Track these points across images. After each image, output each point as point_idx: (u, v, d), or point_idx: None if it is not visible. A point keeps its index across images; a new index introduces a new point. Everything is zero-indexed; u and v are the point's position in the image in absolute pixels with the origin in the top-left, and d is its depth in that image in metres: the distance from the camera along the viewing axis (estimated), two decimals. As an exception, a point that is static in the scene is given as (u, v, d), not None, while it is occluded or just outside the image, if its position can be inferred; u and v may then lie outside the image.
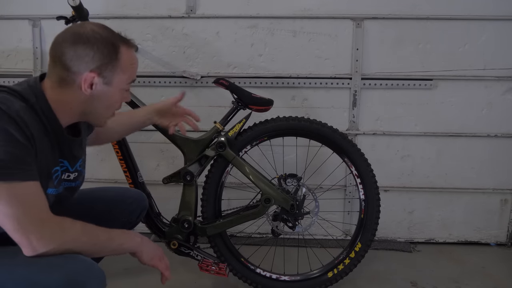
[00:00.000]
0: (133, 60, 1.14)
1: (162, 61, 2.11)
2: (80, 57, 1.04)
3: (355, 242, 1.72)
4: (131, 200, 1.50)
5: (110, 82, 1.09)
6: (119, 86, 1.11)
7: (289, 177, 1.68)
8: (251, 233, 2.15)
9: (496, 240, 2.21)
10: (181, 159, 1.69)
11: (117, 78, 1.10)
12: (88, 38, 1.04)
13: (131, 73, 1.14)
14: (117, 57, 1.08)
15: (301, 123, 1.67)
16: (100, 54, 1.05)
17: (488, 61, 2.04)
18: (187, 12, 2.07)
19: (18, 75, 2.14)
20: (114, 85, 1.10)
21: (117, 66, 1.08)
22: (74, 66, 1.04)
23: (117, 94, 1.13)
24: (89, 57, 1.04)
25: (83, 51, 1.04)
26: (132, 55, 1.14)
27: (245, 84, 2.09)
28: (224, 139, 1.63)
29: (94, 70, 1.05)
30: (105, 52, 1.05)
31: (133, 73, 1.16)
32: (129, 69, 1.13)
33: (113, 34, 1.10)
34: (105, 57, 1.06)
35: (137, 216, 1.52)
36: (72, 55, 1.03)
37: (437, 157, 2.14)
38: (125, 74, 1.11)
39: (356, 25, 2.03)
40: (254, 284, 1.71)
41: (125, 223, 1.49)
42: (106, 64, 1.06)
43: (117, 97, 1.14)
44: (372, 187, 1.70)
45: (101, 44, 1.05)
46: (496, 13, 1.99)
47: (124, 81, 1.12)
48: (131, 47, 1.14)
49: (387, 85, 2.07)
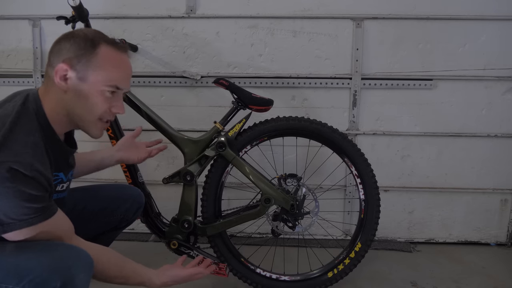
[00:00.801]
0: (116, 60, 1.09)
1: (162, 61, 2.11)
2: (59, 50, 1.05)
3: (355, 242, 1.72)
4: (127, 197, 1.51)
5: (85, 77, 1.05)
6: (96, 85, 1.06)
7: (289, 177, 1.68)
8: (251, 233, 2.15)
9: (496, 240, 2.21)
10: (181, 159, 1.69)
11: (93, 75, 1.05)
12: (73, 34, 1.06)
13: (111, 73, 1.07)
14: (93, 51, 1.05)
15: (301, 123, 1.67)
16: (75, 46, 1.05)
17: (488, 61, 2.04)
18: (187, 12, 2.07)
19: (18, 75, 2.14)
20: (90, 83, 1.06)
21: (93, 61, 1.05)
22: (53, 61, 1.06)
23: (96, 95, 1.07)
24: (66, 50, 1.05)
25: (63, 45, 1.05)
26: (116, 55, 1.09)
27: (245, 84, 2.09)
28: (224, 139, 1.63)
29: (66, 61, 1.04)
30: (81, 44, 1.05)
31: (115, 74, 1.08)
32: (109, 68, 1.07)
33: (98, 33, 1.09)
34: (80, 49, 1.05)
35: (133, 213, 1.52)
36: (55, 51, 1.06)
37: (437, 157, 2.14)
38: (102, 71, 1.06)
39: (356, 25, 2.03)
40: (254, 284, 1.71)
41: (121, 220, 1.50)
42: (79, 56, 1.04)
43: (97, 99, 1.07)
44: (372, 187, 1.70)
45: (79, 38, 1.06)
46: (496, 13, 1.99)
47: (101, 81, 1.06)
48: (116, 48, 1.09)
49: (387, 85, 2.07)
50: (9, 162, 0.92)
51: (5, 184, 0.92)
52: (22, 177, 0.94)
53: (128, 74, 1.14)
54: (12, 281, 0.95)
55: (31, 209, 0.96)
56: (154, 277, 1.25)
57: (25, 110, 1.03)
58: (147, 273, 1.24)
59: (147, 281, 1.23)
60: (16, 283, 0.94)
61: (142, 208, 1.58)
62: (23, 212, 0.95)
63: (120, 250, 1.22)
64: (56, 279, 0.95)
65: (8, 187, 0.92)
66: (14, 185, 0.93)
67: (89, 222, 1.38)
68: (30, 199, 0.95)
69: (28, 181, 0.95)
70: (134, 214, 1.53)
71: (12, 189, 0.93)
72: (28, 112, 1.03)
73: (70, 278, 0.97)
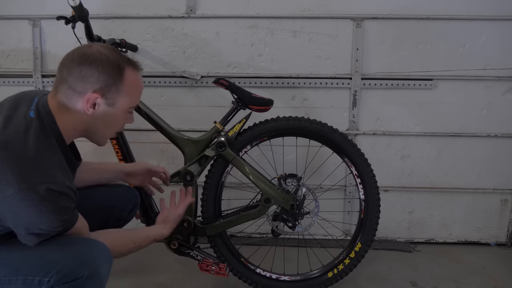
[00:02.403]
0: (138, 83, 1.15)
1: (162, 61, 2.11)
2: (85, 77, 1.05)
3: (355, 242, 1.72)
4: (122, 196, 1.52)
5: (114, 103, 1.10)
6: (122, 108, 1.13)
7: (289, 177, 1.68)
8: (251, 233, 2.15)
9: (496, 240, 2.21)
10: (181, 159, 1.69)
11: (121, 100, 1.11)
12: (95, 58, 1.06)
13: (135, 96, 1.15)
14: (122, 79, 1.09)
15: (301, 123, 1.67)
16: (105, 75, 1.06)
17: (488, 61, 2.04)
18: (187, 12, 2.07)
19: (18, 75, 2.14)
20: (117, 107, 1.11)
21: (121, 88, 1.09)
22: (78, 86, 1.06)
23: (120, 116, 1.14)
24: (94, 78, 1.05)
25: (89, 71, 1.05)
26: (137, 78, 1.15)
27: (245, 84, 2.09)
28: (224, 139, 1.63)
29: (98, 91, 1.06)
30: (110, 73, 1.06)
31: (137, 96, 1.17)
32: (133, 92, 1.14)
33: (120, 56, 1.10)
34: (110, 78, 1.07)
35: (128, 212, 1.53)
36: (77, 75, 1.05)
37: (437, 157, 2.14)
38: (128, 96, 1.12)
39: (356, 25, 2.03)
40: (254, 284, 1.71)
41: (117, 220, 1.50)
42: (110, 85, 1.07)
43: (120, 118, 1.16)
44: (372, 187, 1.70)
45: (106, 65, 1.06)
46: (496, 13, 1.99)
47: (128, 104, 1.13)
48: (137, 70, 1.14)
49: (387, 85, 2.07)
50: (46, 183, 0.98)
51: (44, 203, 0.98)
52: (58, 195, 1.01)
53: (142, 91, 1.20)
54: (38, 273, 1.00)
55: (63, 220, 1.04)
56: (160, 229, 1.41)
57: (43, 127, 1.05)
58: (154, 230, 1.39)
59: (158, 236, 1.38)
60: (43, 274, 0.99)
61: (137, 207, 1.58)
62: (58, 224, 1.03)
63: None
64: (83, 270, 1.00)
65: (47, 206, 0.99)
66: (51, 203, 1.00)
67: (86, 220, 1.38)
68: (63, 213, 1.03)
69: (62, 197, 1.02)
70: (129, 213, 1.54)
71: (50, 207, 1.00)
72: (45, 129, 1.06)
73: (96, 268, 1.03)
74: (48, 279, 0.99)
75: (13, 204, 0.97)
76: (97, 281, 1.03)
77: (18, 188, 0.96)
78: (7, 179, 0.96)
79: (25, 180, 0.97)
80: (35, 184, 0.97)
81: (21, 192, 0.96)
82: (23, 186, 0.96)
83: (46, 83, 2.13)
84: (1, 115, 1.06)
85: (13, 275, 1.01)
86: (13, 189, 0.96)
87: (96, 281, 1.03)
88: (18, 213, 0.99)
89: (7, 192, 0.96)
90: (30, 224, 1.01)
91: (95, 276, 1.02)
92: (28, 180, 0.97)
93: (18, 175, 0.96)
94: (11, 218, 1.01)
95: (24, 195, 0.96)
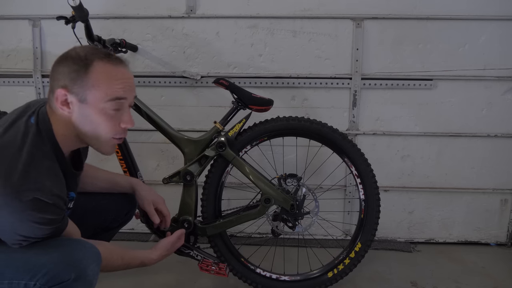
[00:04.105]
0: (109, 74, 1.06)
1: (162, 61, 2.11)
2: (56, 75, 1.05)
3: (355, 242, 1.72)
4: (119, 197, 1.51)
5: (84, 99, 1.05)
6: (96, 104, 1.05)
7: (289, 177, 1.68)
8: (251, 233, 2.15)
9: (496, 240, 2.21)
10: (181, 159, 1.69)
11: (90, 95, 1.04)
12: (67, 56, 1.06)
13: (107, 88, 1.05)
14: (86, 70, 1.04)
15: (301, 123, 1.67)
16: (70, 70, 1.04)
17: (488, 61, 2.04)
18: (187, 12, 2.07)
19: (18, 75, 2.14)
20: (90, 102, 1.05)
21: (86, 81, 1.04)
22: (53, 86, 1.06)
23: (99, 114, 1.06)
24: (62, 74, 1.05)
25: (59, 69, 1.05)
26: (109, 69, 1.06)
27: (245, 84, 2.09)
28: (224, 139, 1.63)
29: (63, 87, 1.04)
30: (74, 67, 1.04)
31: (110, 89, 1.06)
32: (104, 84, 1.05)
33: (92, 51, 1.07)
34: (74, 72, 1.04)
35: (125, 213, 1.53)
36: (52, 75, 1.06)
37: (437, 157, 2.14)
38: (98, 89, 1.04)
39: (356, 25, 2.03)
40: (254, 284, 1.71)
41: (113, 220, 1.51)
42: (75, 79, 1.04)
43: (100, 118, 1.06)
44: (372, 187, 1.70)
45: (72, 60, 1.05)
46: (496, 13, 1.99)
47: (100, 98, 1.05)
48: (110, 61, 1.07)
49: (387, 85, 2.07)
50: (32, 191, 0.96)
51: (26, 212, 0.96)
52: (44, 205, 0.98)
53: (127, 84, 1.10)
54: (24, 277, 0.98)
55: (49, 229, 1.02)
56: (149, 254, 1.38)
57: (39, 133, 1.05)
58: (143, 253, 1.36)
59: (145, 260, 1.35)
60: (29, 278, 0.98)
61: (134, 208, 1.57)
62: (42, 233, 1.01)
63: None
64: (70, 272, 0.99)
65: (29, 215, 0.97)
66: (36, 213, 0.97)
67: (80, 222, 1.38)
68: (47, 223, 1.01)
69: (48, 208, 1.00)
70: (126, 214, 1.54)
71: (32, 217, 0.97)
72: (42, 135, 1.05)
73: (83, 269, 1.01)
74: (34, 282, 0.97)
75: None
76: (85, 282, 1.01)
77: (2, 192, 0.94)
78: None
79: (11, 185, 0.95)
80: (20, 190, 0.95)
81: (4, 197, 0.94)
82: (8, 190, 0.94)
83: (46, 83, 2.13)
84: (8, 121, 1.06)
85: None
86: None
87: (84, 283, 1.01)
88: (1, 217, 0.97)
89: None
90: (12, 229, 0.99)
91: (82, 277, 1.00)
92: (14, 185, 0.95)
93: (4, 179, 0.95)
94: None
95: (7, 200, 0.94)
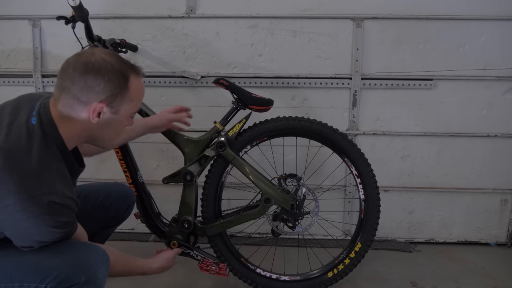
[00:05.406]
0: (141, 89, 1.15)
1: (162, 61, 2.11)
2: (91, 88, 1.02)
3: (355, 242, 1.72)
4: (117, 195, 1.52)
5: (118, 111, 1.09)
6: (126, 114, 1.12)
7: (289, 177, 1.68)
8: (251, 233, 2.15)
9: (496, 240, 2.21)
10: (181, 159, 1.69)
11: (125, 107, 1.10)
12: (100, 67, 1.03)
13: (138, 102, 1.15)
14: (127, 87, 1.07)
15: (301, 123, 1.67)
16: (111, 85, 1.04)
17: (488, 61, 2.04)
18: (187, 12, 2.07)
19: (18, 75, 2.14)
20: (121, 114, 1.10)
21: (126, 96, 1.08)
22: (83, 96, 1.03)
23: (124, 122, 1.15)
24: (99, 87, 1.03)
25: (94, 81, 1.02)
26: (141, 84, 1.14)
27: (245, 84, 2.09)
28: (224, 139, 1.63)
29: (104, 101, 1.05)
30: (116, 82, 1.05)
31: (140, 101, 1.16)
32: (137, 98, 1.13)
33: (124, 64, 1.08)
34: (116, 88, 1.05)
35: (123, 211, 1.54)
36: (82, 85, 1.02)
37: (437, 157, 2.14)
38: (132, 103, 1.11)
39: (356, 25, 2.03)
40: (254, 284, 1.71)
41: (112, 218, 1.51)
42: (116, 94, 1.06)
43: (123, 124, 1.16)
44: (372, 187, 1.70)
45: (112, 74, 1.04)
46: (496, 13, 1.99)
47: (131, 110, 1.13)
48: (140, 76, 1.13)
49: (387, 85, 2.07)
50: (47, 195, 0.98)
51: (43, 216, 0.98)
52: (59, 208, 1.00)
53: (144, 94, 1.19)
54: (34, 280, 0.98)
55: (62, 233, 1.04)
56: (150, 263, 1.41)
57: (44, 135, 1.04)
58: (146, 263, 1.39)
59: (146, 269, 1.38)
60: (40, 281, 0.98)
61: (133, 206, 1.58)
62: (55, 237, 1.03)
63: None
64: (80, 275, 1.00)
65: (46, 219, 0.98)
66: (51, 217, 0.99)
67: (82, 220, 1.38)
68: (62, 226, 1.03)
69: (63, 210, 1.02)
70: (124, 211, 1.54)
71: (48, 220, 0.99)
72: (47, 138, 1.04)
73: (93, 273, 1.03)
74: (44, 285, 0.98)
75: (12, 213, 0.96)
76: (94, 285, 1.03)
77: (18, 198, 0.94)
78: (8, 188, 0.95)
79: (26, 190, 0.95)
80: (36, 195, 0.96)
81: (21, 203, 0.95)
82: (24, 196, 0.95)
83: (46, 83, 2.13)
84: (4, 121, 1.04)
85: (9, 282, 0.99)
86: (13, 198, 0.94)
87: (93, 286, 1.02)
88: (16, 223, 0.97)
89: (7, 201, 0.95)
90: (27, 235, 1.00)
91: (92, 280, 1.02)
92: (29, 190, 0.96)
93: (18, 184, 0.95)
94: (8, 227, 1.00)
95: (23, 206, 0.95)
